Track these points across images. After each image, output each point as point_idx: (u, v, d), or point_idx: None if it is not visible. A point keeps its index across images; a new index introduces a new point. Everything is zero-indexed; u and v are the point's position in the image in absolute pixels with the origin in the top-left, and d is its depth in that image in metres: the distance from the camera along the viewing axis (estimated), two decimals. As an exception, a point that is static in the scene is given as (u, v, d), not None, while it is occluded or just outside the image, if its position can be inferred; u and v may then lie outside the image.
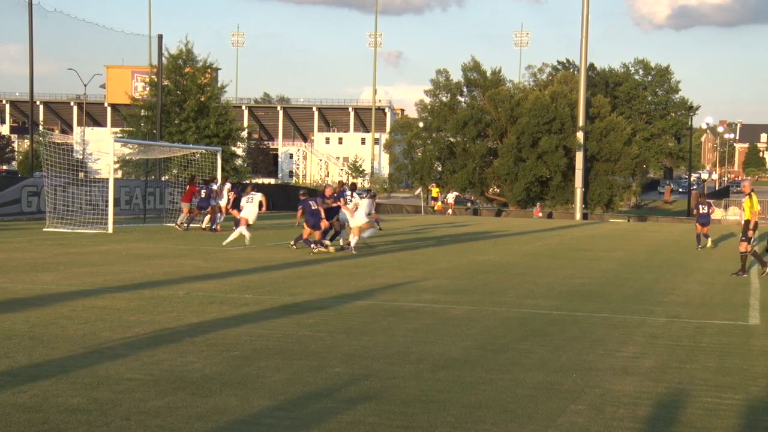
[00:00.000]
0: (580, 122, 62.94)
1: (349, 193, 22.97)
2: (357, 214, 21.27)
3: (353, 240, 21.21)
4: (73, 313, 10.58)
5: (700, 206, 27.49)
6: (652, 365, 8.50)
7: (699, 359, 8.86)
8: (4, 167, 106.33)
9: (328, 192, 22.19)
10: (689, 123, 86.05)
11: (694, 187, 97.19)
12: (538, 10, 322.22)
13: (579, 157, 63.11)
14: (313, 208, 20.96)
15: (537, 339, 9.74)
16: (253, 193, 23.59)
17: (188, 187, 29.63)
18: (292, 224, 30.56)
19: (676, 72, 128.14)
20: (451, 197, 61.50)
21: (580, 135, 62.80)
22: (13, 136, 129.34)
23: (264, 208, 23.53)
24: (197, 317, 10.56)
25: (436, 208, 59.54)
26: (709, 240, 27.23)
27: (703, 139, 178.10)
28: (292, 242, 22.09)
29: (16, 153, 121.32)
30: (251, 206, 22.81)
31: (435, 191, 62.41)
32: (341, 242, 22.20)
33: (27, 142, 75.28)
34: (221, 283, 14.15)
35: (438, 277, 16.17)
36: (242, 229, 22.31)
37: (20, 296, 12.03)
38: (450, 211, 58.48)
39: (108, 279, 14.30)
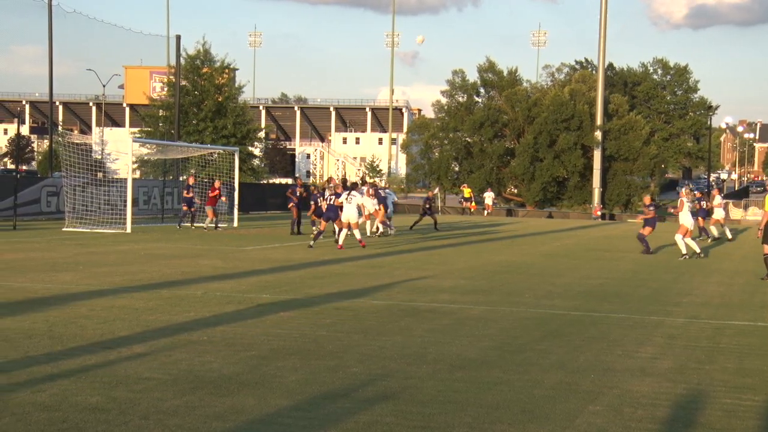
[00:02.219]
0: (598, 121, 62.73)
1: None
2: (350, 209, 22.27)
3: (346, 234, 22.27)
4: (92, 313, 10.64)
5: (702, 201, 30.32)
6: (671, 366, 8.46)
7: (718, 360, 8.81)
8: (24, 167, 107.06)
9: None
10: (708, 123, 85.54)
11: (713, 187, 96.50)
12: (554, 9, 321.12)
13: (597, 156, 62.91)
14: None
15: (554, 339, 9.71)
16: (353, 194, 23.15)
17: (211, 191, 29.50)
18: (306, 223, 30.54)
19: (695, 71, 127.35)
20: (489, 197, 58.21)
21: (598, 134, 62.56)
22: (33, 137, 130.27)
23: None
24: (215, 317, 10.59)
25: (471, 209, 56.88)
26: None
27: (722, 138, 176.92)
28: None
29: (35, 153, 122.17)
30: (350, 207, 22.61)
31: (467, 191, 60.15)
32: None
33: (46, 142, 75.69)
34: (239, 282, 14.19)
35: (455, 277, 16.14)
36: (354, 231, 22.45)
37: (39, 296, 12.11)
38: (487, 212, 55.85)
39: (126, 279, 14.37)
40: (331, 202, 22.40)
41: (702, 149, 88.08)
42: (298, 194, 28.00)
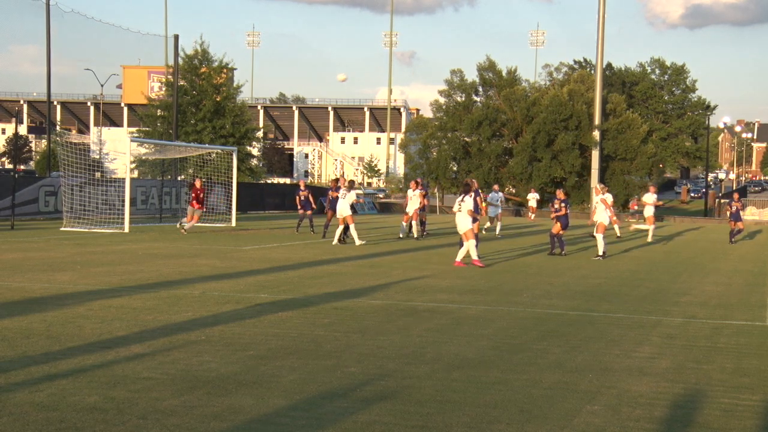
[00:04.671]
0: (597, 120, 62.76)
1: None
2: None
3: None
4: (90, 313, 10.63)
5: (732, 204, 30.66)
6: (669, 366, 8.46)
7: (716, 360, 8.81)
8: (22, 167, 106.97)
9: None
10: (706, 123, 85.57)
11: (711, 186, 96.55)
12: (551, 9, 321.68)
13: (594, 156, 62.91)
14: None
15: (552, 339, 9.71)
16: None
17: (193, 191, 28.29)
18: (307, 224, 30.58)
19: (692, 71, 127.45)
20: (533, 198, 51.17)
21: (596, 134, 62.60)
22: (31, 136, 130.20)
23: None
24: (213, 317, 10.58)
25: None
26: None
27: (720, 138, 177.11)
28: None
29: (33, 153, 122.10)
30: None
31: None
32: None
33: (44, 142, 75.62)
34: (237, 282, 14.19)
35: (453, 276, 16.15)
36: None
37: (37, 296, 12.10)
38: (532, 215, 49.61)
39: (124, 278, 14.36)
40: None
41: (700, 149, 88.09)
42: (331, 197, 27.04)
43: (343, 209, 23.29)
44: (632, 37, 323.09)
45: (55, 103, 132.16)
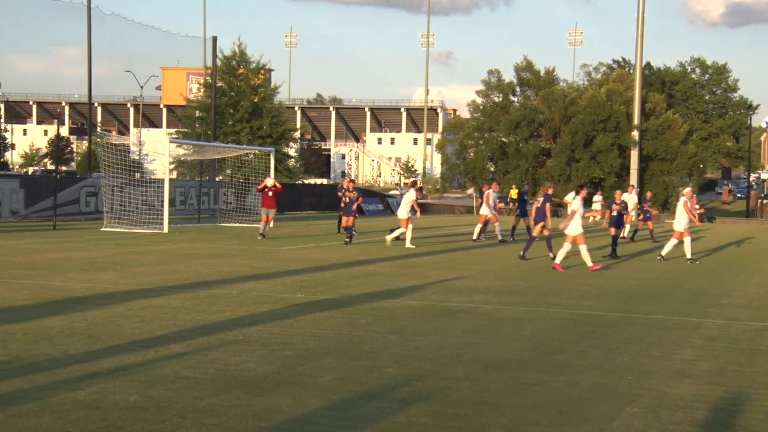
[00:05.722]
0: (636, 120, 62.18)
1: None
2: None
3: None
4: (130, 312, 10.74)
5: None
6: (710, 368, 8.35)
7: (758, 362, 8.68)
8: (64, 168, 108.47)
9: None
10: (748, 122, 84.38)
11: (753, 187, 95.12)
12: (588, 9, 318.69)
13: (634, 156, 62.32)
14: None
15: (591, 341, 9.63)
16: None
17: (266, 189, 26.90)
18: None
19: (734, 70, 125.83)
20: (599, 202, 45.06)
21: (635, 133, 62.01)
22: (72, 138, 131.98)
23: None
24: (251, 317, 10.64)
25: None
26: None
27: (762, 138, 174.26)
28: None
29: (74, 154, 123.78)
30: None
31: (514, 192, 56.49)
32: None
33: (85, 143, 76.52)
34: (274, 282, 14.25)
35: (490, 277, 16.08)
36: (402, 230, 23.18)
37: (79, 295, 12.25)
38: (593, 218, 43.83)
39: (163, 278, 14.49)
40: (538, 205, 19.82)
41: (741, 149, 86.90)
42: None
43: (401, 211, 23.30)
44: (672, 36, 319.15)
45: (96, 104, 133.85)
